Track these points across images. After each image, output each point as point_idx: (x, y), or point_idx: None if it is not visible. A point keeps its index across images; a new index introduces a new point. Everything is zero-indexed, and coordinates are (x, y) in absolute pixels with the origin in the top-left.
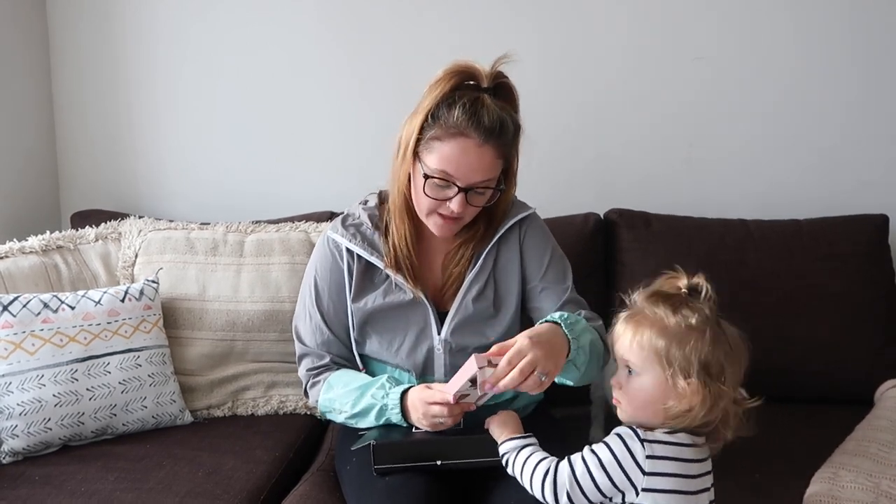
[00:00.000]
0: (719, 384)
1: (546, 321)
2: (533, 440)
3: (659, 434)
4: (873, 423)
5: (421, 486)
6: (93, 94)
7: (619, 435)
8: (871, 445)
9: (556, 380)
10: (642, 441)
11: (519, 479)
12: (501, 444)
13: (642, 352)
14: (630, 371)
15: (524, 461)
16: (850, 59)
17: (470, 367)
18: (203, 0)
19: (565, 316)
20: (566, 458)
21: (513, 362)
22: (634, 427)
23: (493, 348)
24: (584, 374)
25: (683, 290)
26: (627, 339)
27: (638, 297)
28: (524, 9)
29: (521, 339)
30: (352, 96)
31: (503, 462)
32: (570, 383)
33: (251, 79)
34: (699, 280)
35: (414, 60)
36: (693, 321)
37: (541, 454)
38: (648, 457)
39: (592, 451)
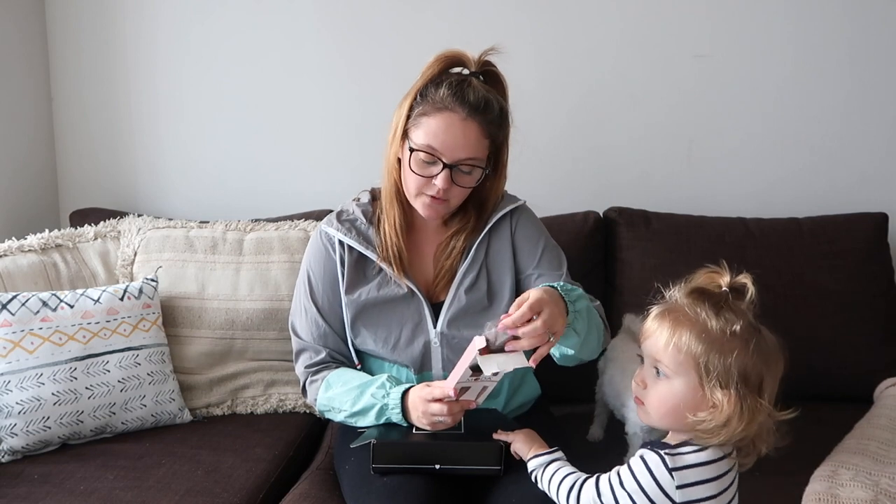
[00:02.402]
0: (757, 397)
1: (544, 286)
2: (559, 454)
3: (689, 457)
4: (873, 422)
5: (420, 486)
6: (92, 92)
7: (644, 462)
8: (870, 444)
9: (558, 348)
10: (671, 471)
11: (548, 493)
12: (528, 460)
13: (679, 355)
14: (659, 372)
15: (551, 475)
16: (849, 58)
17: (472, 349)
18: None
19: (561, 283)
20: (594, 476)
21: (534, 309)
22: (661, 452)
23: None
24: (584, 344)
25: (725, 288)
26: (663, 338)
27: (677, 293)
28: (523, 7)
29: (536, 292)
30: (351, 95)
31: (532, 478)
32: (571, 352)
33: (250, 77)
34: (745, 280)
35: (412, 60)
36: (737, 328)
37: (567, 469)
38: (679, 487)
39: (619, 476)
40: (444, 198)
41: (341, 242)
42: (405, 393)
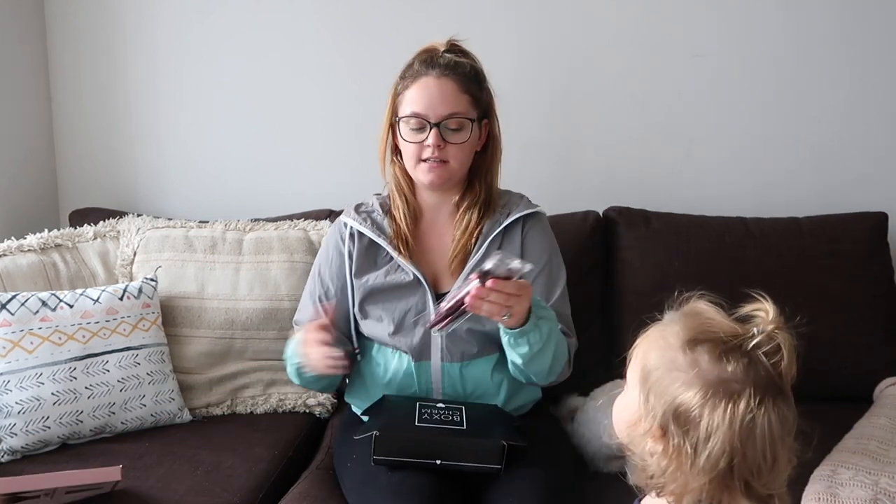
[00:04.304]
0: (687, 446)
1: None
2: None
3: None
4: (872, 421)
5: (423, 482)
6: (91, 91)
7: None
8: (870, 443)
9: (508, 354)
10: None
11: None
12: None
13: (635, 362)
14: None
15: None
16: (848, 57)
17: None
18: None
19: (538, 299)
20: None
21: (511, 289)
22: None
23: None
24: (534, 361)
25: (755, 329)
26: (636, 343)
27: (684, 307)
28: (524, 7)
29: (527, 283)
30: (351, 95)
31: None
32: (518, 361)
33: (250, 76)
34: (774, 326)
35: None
36: (701, 363)
37: None
38: None
39: None
40: (441, 158)
41: (353, 232)
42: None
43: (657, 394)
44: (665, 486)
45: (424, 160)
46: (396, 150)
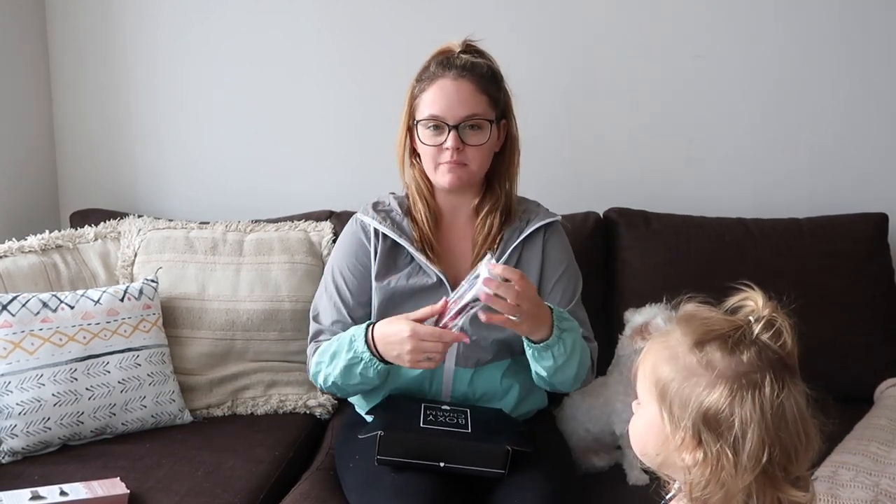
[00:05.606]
0: (726, 449)
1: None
2: None
3: None
4: (873, 422)
5: (427, 484)
6: (92, 92)
7: None
8: (870, 444)
9: (532, 365)
10: None
11: None
12: None
13: (645, 380)
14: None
15: None
16: (849, 57)
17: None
18: None
19: (561, 311)
20: None
21: (518, 283)
22: None
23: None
24: (558, 372)
25: (750, 318)
26: (639, 361)
27: (680, 311)
28: (524, 7)
29: (531, 284)
30: (351, 95)
31: None
32: (543, 373)
33: (250, 77)
34: (770, 311)
35: (412, 60)
36: (715, 361)
37: None
38: None
39: None
40: (460, 161)
41: (376, 231)
42: (373, 327)
43: (681, 404)
44: (710, 498)
45: (443, 162)
46: (415, 153)
